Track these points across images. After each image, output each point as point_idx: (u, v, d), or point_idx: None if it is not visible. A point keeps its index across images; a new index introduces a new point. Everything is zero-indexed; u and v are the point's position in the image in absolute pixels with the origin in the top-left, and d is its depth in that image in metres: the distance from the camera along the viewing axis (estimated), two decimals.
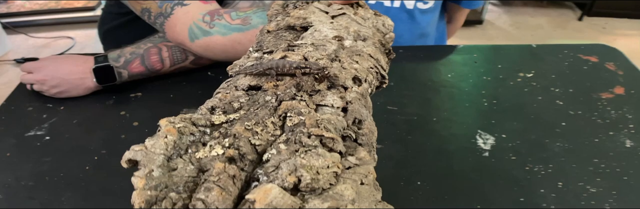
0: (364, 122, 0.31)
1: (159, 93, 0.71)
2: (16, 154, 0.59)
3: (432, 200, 0.51)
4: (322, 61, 0.33)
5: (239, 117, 0.28)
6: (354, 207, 0.23)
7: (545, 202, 0.51)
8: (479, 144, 0.60)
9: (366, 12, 0.44)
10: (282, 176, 0.24)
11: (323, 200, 0.23)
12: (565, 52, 0.83)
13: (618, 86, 0.73)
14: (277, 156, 0.25)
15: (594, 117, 0.65)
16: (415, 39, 1.04)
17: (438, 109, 0.67)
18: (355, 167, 0.27)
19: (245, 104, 0.30)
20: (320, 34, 0.37)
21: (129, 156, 0.25)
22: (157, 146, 0.25)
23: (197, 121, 0.28)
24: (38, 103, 0.69)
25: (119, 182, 0.54)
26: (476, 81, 0.75)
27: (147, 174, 0.23)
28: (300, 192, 0.24)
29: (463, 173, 0.55)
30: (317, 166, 0.24)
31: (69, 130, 0.63)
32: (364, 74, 0.36)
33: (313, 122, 0.27)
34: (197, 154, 0.25)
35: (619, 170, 0.56)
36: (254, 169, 0.26)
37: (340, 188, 0.24)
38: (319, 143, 0.26)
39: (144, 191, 0.23)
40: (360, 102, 0.32)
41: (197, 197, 0.23)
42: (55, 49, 2.30)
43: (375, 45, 0.40)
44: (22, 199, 0.52)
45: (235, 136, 0.26)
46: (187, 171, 0.24)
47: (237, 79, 0.34)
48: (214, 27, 0.59)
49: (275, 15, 0.44)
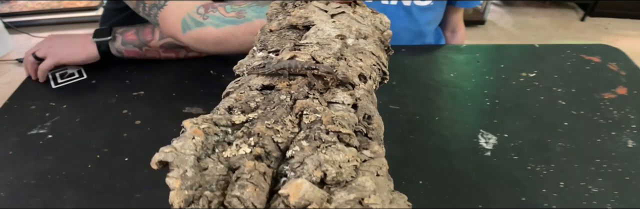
0: (373, 117, 0.33)
1: (161, 92, 0.71)
2: (18, 153, 0.59)
3: (434, 200, 0.51)
4: (329, 60, 0.34)
5: (257, 117, 0.30)
6: (376, 197, 0.24)
7: (546, 202, 0.51)
8: (481, 144, 0.60)
9: (364, 11, 0.46)
10: (308, 171, 0.25)
11: (348, 192, 0.24)
12: (567, 52, 0.83)
13: (620, 86, 0.73)
14: (300, 152, 0.27)
15: (596, 117, 0.65)
16: (413, 38, 1.04)
17: (440, 109, 0.67)
18: (370, 160, 0.28)
19: (261, 103, 0.31)
20: (323, 33, 0.38)
21: (159, 157, 0.25)
22: (187, 147, 0.25)
23: (218, 121, 0.28)
24: (40, 102, 0.69)
25: (121, 180, 0.54)
26: (478, 80, 0.75)
27: (181, 174, 0.24)
28: (326, 185, 0.25)
29: (465, 172, 0.55)
30: (339, 161, 0.26)
31: (71, 128, 0.63)
32: (368, 71, 0.37)
33: (329, 119, 0.29)
34: (225, 153, 0.26)
35: (620, 170, 0.56)
36: (279, 165, 0.27)
37: (361, 180, 0.26)
38: (337, 139, 0.28)
39: (181, 191, 0.23)
40: (368, 98, 0.34)
41: (232, 194, 0.24)
42: None
43: (376, 42, 0.42)
44: (24, 197, 0.52)
45: (258, 135, 0.27)
46: (217, 170, 0.25)
47: (249, 79, 0.35)
48: (208, 19, 0.59)
49: (276, 15, 0.45)
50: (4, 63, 2.18)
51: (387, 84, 0.73)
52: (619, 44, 0.90)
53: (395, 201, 0.27)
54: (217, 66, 0.78)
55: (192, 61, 0.79)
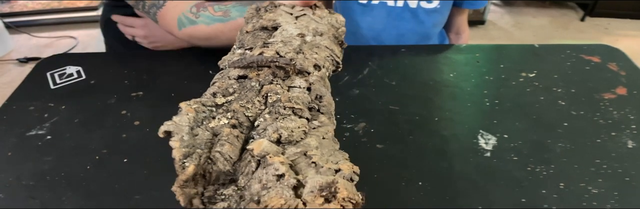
0: (324, 97, 0.42)
1: (160, 92, 0.71)
2: (17, 154, 0.59)
3: (433, 200, 0.51)
4: (289, 54, 0.44)
5: (234, 99, 0.40)
6: (317, 151, 0.35)
7: (546, 203, 0.51)
8: (481, 145, 0.60)
9: (322, 12, 0.55)
10: (268, 134, 0.36)
11: (296, 147, 0.35)
12: (567, 52, 0.83)
13: (620, 87, 0.73)
14: (264, 122, 0.37)
15: (596, 117, 0.65)
16: (418, 40, 1.03)
17: (440, 109, 0.67)
18: (318, 128, 0.39)
19: (237, 89, 0.41)
20: (287, 33, 0.48)
21: (164, 128, 0.35)
22: (183, 121, 0.36)
23: (205, 102, 0.39)
24: (39, 102, 0.69)
25: (120, 181, 0.54)
26: (478, 80, 0.75)
27: (180, 138, 0.34)
28: (281, 144, 0.36)
29: (464, 173, 0.55)
30: (291, 127, 0.37)
31: (70, 129, 0.63)
32: (322, 61, 0.47)
33: (286, 98, 0.39)
34: (210, 124, 0.37)
35: (620, 171, 0.55)
36: (249, 132, 0.38)
37: (308, 141, 0.36)
38: (291, 112, 0.38)
39: (180, 149, 0.33)
40: (320, 83, 0.44)
41: (215, 150, 0.34)
42: (58, 48, 2.30)
43: (330, 38, 0.51)
44: (23, 198, 0.52)
45: (234, 111, 0.38)
46: (205, 136, 0.35)
47: (228, 71, 0.44)
48: (199, 18, 0.67)
49: (251, 18, 0.54)
50: (4, 63, 2.18)
51: (386, 84, 0.73)
52: (619, 44, 0.90)
53: (335, 155, 0.36)
54: (216, 66, 0.77)
55: (192, 61, 0.79)
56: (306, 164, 0.34)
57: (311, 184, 0.30)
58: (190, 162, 0.33)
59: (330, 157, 0.35)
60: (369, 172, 0.54)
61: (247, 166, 0.34)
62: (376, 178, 0.54)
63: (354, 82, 0.73)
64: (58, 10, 2.54)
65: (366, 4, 0.98)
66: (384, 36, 1.02)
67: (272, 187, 0.31)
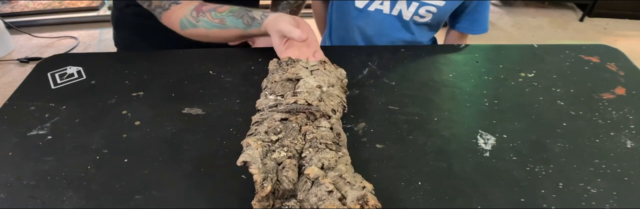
0: (341, 134, 0.56)
1: (161, 92, 0.71)
2: (18, 154, 0.59)
3: (433, 200, 0.52)
4: (314, 102, 0.57)
5: (283, 136, 0.54)
6: (347, 174, 0.49)
7: (545, 203, 0.51)
8: (480, 145, 0.60)
9: (330, 67, 0.70)
10: (315, 162, 0.50)
11: (334, 172, 0.49)
12: (566, 52, 0.83)
13: (619, 87, 0.73)
14: (309, 154, 0.51)
15: (595, 117, 0.65)
16: None
17: (439, 109, 0.67)
18: (342, 157, 0.52)
19: (282, 128, 0.55)
20: (308, 84, 0.62)
21: (242, 159, 0.48)
22: (255, 154, 0.49)
23: (264, 139, 0.52)
24: (40, 102, 0.69)
25: (121, 181, 0.54)
26: (477, 80, 0.75)
27: (257, 167, 0.47)
28: (324, 169, 0.49)
29: (464, 173, 0.55)
30: (328, 157, 0.50)
31: (70, 129, 0.63)
32: (336, 107, 0.60)
33: (320, 136, 0.53)
34: (273, 156, 0.50)
35: (619, 171, 0.56)
36: (299, 161, 0.51)
37: (340, 167, 0.50)
38: (325, 146, 0.52)
39: (260, 174, 0.46)
40: (338, 123, 0.59)
41: (282, 174, 0.48)
42: (59, 48, 2.30)
43: (339, 88, 0.65)
44: (24, 198, 0.52)
45: (287, 146, 0.52)
46: (271, 164, 0.49)
47: (272, 114, 0.58)
48: (200, 22, 0.77)
49: (276, 70, 0.68)
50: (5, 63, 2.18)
51: (386, 84, 0.73)
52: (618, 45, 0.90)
53: (356, 176, 0.50)
54: (217, 66, 0.78)
55: (192, 61, 0.79)
56: (343, 183, 0.48)
57: (351, 196, 0.45)
58: (268, 183, 0.46)
59: (355, 178, 0.49)
60: (368, 172, 0.55)
61: (304, 185, 0.47)
62: (376, 178, 0.54)
63: (353, 82, 0.74)
64: (59, 11, 2.54)
65: (362, 9, 0.99)
66: (374, 41, 1.03)
67: (325, 199, 0.45)
